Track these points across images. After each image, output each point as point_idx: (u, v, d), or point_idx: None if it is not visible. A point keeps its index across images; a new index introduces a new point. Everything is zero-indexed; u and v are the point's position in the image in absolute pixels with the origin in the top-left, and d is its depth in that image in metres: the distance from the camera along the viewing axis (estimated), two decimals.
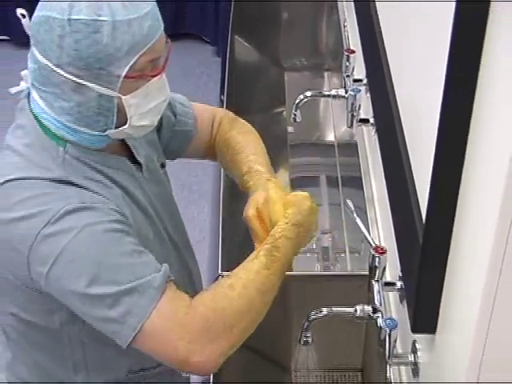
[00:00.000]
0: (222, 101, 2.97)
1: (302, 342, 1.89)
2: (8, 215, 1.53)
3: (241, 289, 1.54)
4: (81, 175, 1.57)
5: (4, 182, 1.55)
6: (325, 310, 1.85)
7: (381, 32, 2.01)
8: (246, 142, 1.88)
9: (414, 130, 1.63)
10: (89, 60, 1.48)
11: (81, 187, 1.55)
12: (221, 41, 4.64)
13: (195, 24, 4.90)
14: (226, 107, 2.88)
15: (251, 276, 1.56)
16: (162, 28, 1.55)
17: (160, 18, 1.55)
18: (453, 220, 1.32)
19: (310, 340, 1.88)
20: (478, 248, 1.20)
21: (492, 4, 1.13)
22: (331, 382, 2.38)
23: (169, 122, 1.87)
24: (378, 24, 2.05)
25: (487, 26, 1.15)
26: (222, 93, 3.05)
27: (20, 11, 1.53)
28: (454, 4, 1.17)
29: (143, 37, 1.50)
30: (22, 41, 4.88)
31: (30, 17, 1.54)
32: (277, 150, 3.03)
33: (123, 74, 1.51)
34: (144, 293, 1.49)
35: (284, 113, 3.19)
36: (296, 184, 2.87)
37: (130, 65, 1.51)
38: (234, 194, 2.47)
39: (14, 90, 1.63)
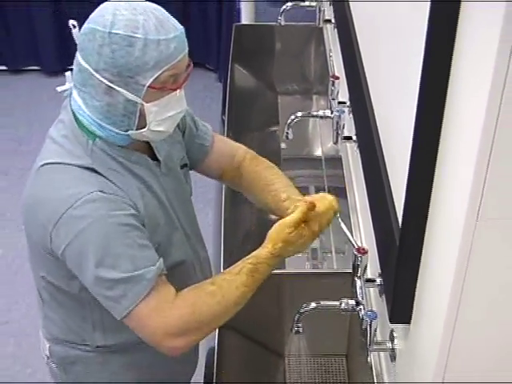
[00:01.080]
0: (223, 120, 2.96)
1: (293, 332, 1.88)
2: (40, 194, 1.61)
3: (220, 298, 1.62)
4: (104, 165, 1.63)
5: (41, 166, 1.63)
6: (314, 304, 1.85)
7: (361, 60, 2.01)
8: (277, 175, 1.92)
9: (390, 146, 1.63)
10: (121, 68, 1.54)
11: (103, 176, 1.61)
12: (222, 68, 4.64)
13: (200, 54, 4.91)
14: (227, 126, 2.89)
15: (231, 289, 1.63)
16: (186, 51, 1.60)
17: (186, 42, 1.60)
18: (425, 224, 1.32)
19: (300, 330, 1.88)
20: (447, 249, 1.20)
21: (456, 44, 1.13)
22: (319, 367, 2.38)
23: (191, 132, 1.91)
24: (359, 53, 2.05)
25: (452, 64, 1.15)
26: (223, 113, 3.04)
27: (72, 22, 1.63)
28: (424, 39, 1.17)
29: (168, 55, 1.56)
30: (51, 70, 4.91)
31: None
32: (271, 163, 3.03)
33: (148, 83, 1.56)
34: (138, 282, 1.57)
35: (277, 131, 3.19)
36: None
37: (154, 77, 1.56)
38: (234, 203, 2.47)
39: (60, 88, 1.70)
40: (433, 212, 1.30)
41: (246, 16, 4.03)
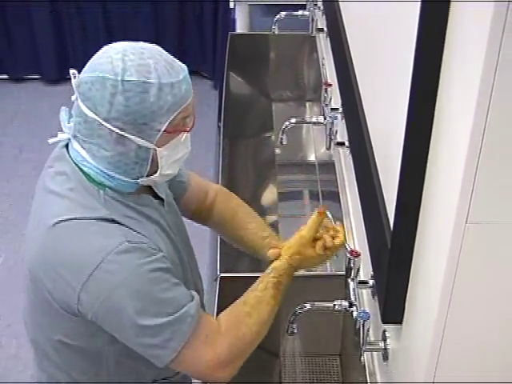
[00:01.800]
0: (219, 127, 2.96)
1: (288, 332, 1.88)
2: (61, 253, 1.50)
3: (256, 317, 1.61)
4: (120, 214, 1.54)
5: (55, 224, 1.50)
6: (308, 305, 1.85)
7: (353, 68, 2.01)
8: (252, 213, 1.91)
9: (382, 151, 1.63)
10: (135, 115, 1.46)
11: (123, 225, 1.52)
12: (218, 76, 4.65)
13: (196, 62, 4.91)
14: (223, 133, 2.89)
15: (263, 306, 1.62)
16: (192, 91, 1.55)
17: (190, 82, 1.55)
18: (416, 227, 1.32)
19: (295, 331, 1.88)
20: (438, 251, 1.21)
21: (444, 57, 1.14)
22: (314, 366, 2.37)
23: None
24: (351, 61, 2.05)
25: (441, 70, 1.16)
26: (219, 120, 3.04)
27: (72, 71, 1.50)
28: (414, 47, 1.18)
29: (181, 98, 1.50)
30: (51, 79, 4.91)
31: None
32: (266, 168, 3.04)
33: (163, 128, 1.49)
34: (184, 321, 1.51)
35: (272, 137, 3.19)
36: (283, 198, 2.87)
37: (169, 121, 1.49)
38: None
39: (51, 140, 1.58)
40: (423, 215, 1.30)
41: (241, 25, 4.03)
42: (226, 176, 2.68)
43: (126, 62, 1.46)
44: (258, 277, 1.79)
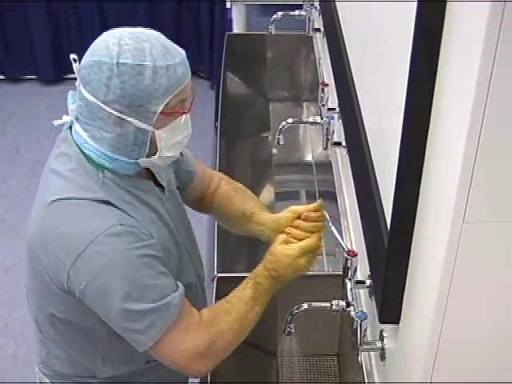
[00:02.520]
0: (216, 127, 2.96)
1: (286, 333, 1.88)
2: (55, 231, 1.54)
3: (235, 315, 1.62)
4: (117, 197, 1.57)
5: (52, 202, 1.55)
6: (305, 305, 1.85)
7: (350, 67, 2.01)
8: (248, 196, 1.93)
9: (379, 151, 1.63)
10: (131, 98, 1.49)
11: (118, 208, 1.55)
12: (215, 76, 4.64)
13: (193, 62, 4.87)
14: (220, 133, 2.89)
15: (242, 305, 1.64)
16: (190, 74, 1.57)
17: (188, 66, 1.57)
18: (413, 227, 1.33)
19: (292, 330, 1.88)
20: (435, 251, 1.21)
21: (441, 54, 1.14)
22: (311, 366, 2.37)
23: (177, 159, 1.85)
24: (348, 61, 2.05)
25: (437, 72, 1.16)
26: (216, 120, 3.03)
27: (72, 56, 1.55)
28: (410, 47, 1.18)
29: (177, 80, 1.52)
30: (48, 79, 4.90)
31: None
32: (263, 168, 3.03)
33: (159, 110, 1.52)
34: (166, 310, 1.53)
35: (269, 137, 3.19)
36: (280, 197, 2.86)
37: (165, 103, 1.52)
38: None
39: (56, 122, 1.63)
40: (420, 215, 1.30)
41: (238, 25, 4.03)
42: None
43: (122, 45, 1.50)
44: None
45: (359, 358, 1.77)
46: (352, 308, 1.77)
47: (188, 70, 1.56)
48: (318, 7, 3.09)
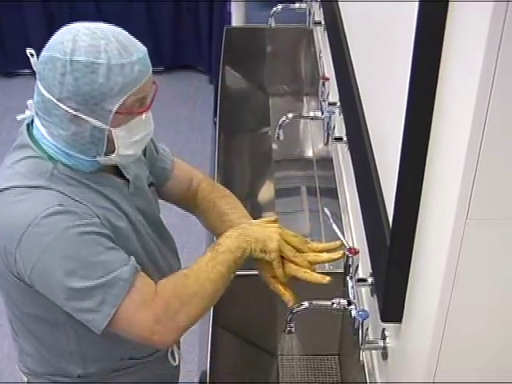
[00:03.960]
0: (215, 122, 2.96)
1: (286, 331, 1.87)
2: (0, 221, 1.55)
3: (194, 277, 1.61)
4: (64, 185, 1.57)
5: None
6: (306, 304, 1.84)
7: (351, 61, 2.01)
8: (232, 205, 1.89)
9: (381, 146, 1.62)
10: (85, 96, 1.49)
11: (61, 193, 1.55)
12: (214, 71, 4.64)
13: (191, 56, 4.90)
14: (219, 128, 2.88)
15: (201, 267, 1.63)
16: (150, 72, 1.56)
17: (149, 64, 1.55)
18: (415, 224, 1.32)
19: (293, 329, 1.87)
20: (437, 248, 1.20)
21: (445, 44, 1.13)
22: (312, 366, 2.37)
23: (151, 155, 1.86)
24: (349, 54, 2.05)
25: (440, 64, 1.15)
26: (215, 115, 3.04)
27: (29, 51, 1.55)
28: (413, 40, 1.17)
29: (133, 79, 1.51)
30: None
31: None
32: (263, 164, 3.04)
33: (114, 109, 1.52)
34: (115, 285, 1.53)
35: (269, 132, 3.19)
36: (280, 194, 2.86)
37: (121, 102, 1.51)
38: None
39: (19, 117, 1.65)
40: (423, 212, 1.30)
41: (237, 18, 4.02)
42: (222, 172, 2.68)
43: (77, 42, 1.49)
44: (254, 275, 1.80)
45: (361, 358, 1.77)
46: (353, 306, 1.77)
47: (148, 68, 1.55)
48: (319, 0, 3.09)
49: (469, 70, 1.03)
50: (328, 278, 1.68)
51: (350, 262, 1.79)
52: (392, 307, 1.46)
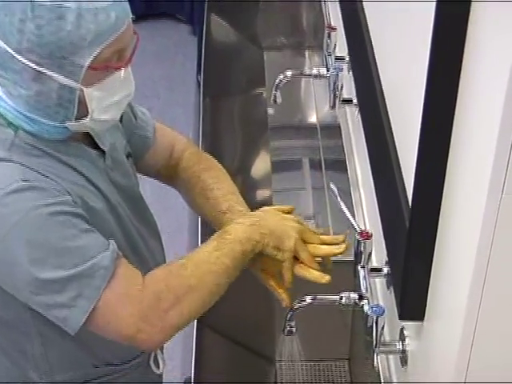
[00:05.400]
0: (198, 82, 2.96)
1: (285, 332, 1.89)
2: None
3: (192, 268, 1.60)
4: (27, 157, 1.56)
5: None
6: (309, 299, 1.85)
7: (363, 7, 2.01)
8: (219, 179, 1.88)
9: (398, 109, 1.62)
10: (51, 47, 1.47)
11: (25, 166, 1.54)
12: (196, 19, 4.62)
13: (170, 3, 4.89)
14: (203, 89, 2.88)
15: (202, 257, 1.62)
16: (130, 19, 1.54)
17: (128, 8, 1.54)
18: (440, 201, 1.32)
19: (294, 329, 1.88)
20: (467, 230, 1.21)
21: None
22: (317, 373, 2.39)
23: (129, 122, 1.86)
24: None
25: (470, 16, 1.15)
26: (198, 73, 3.04)
27: None
28: None
29: (109, 27, 1.49)
30: None
31: None
32: (257, 133, 3.04)
33: (87, 64, 1.50)
34: (94, 274, 1.52)
35: (264, 94, 3.19)
36: (277, 168, 2.87)
37: (95, 55, 1.50)
38: None
39: None
40: (449, 186, 1.30)
41: None
42: (208, 143, 2.69)
43: None
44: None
45: (375, 363, 1.77)
46: (366, 301, 1.78)
47: (126, 14, 1.53)
48: None
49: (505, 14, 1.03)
50: (327, 278, 1.69)
51: (362, 249, 1.80)
52: (412, 302, 1.47)
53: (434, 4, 1.19)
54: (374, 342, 1.70)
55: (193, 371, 1.96)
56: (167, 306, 1.56)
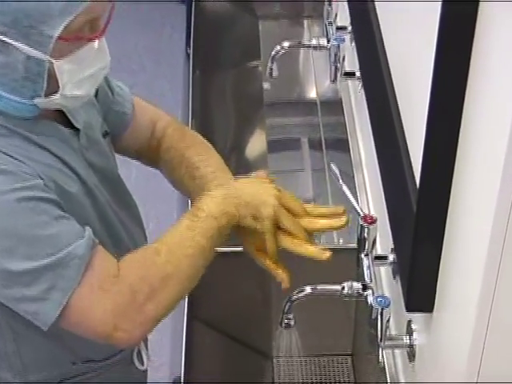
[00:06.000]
0: (188, 54, 2.95)
1: (283, 325, 1.89)
2: None
3: (166, 253, 1.60)
4: None
5: None
6: (308, 289, 1.85)
7: None
8: (205, 155, 1.87)
9: (405, 82, 1.62)
10: (16, 15, 1.46)
11: None
12: None
13: None
14: (193, 62, 2.87)
15: (176, 239, 1.62)
16: None
17: None
18: (450, 182, 1.32)
19: (292, 322, 1.88)
20: (480, 213, 1.20)
21: None
22: (317, 369, 2.39)
23: (106, 97, 1.85)
24: None
25: None
26: (187, 45, 3.02)
27: None
28: None
29: None
30: None
31: None
32: (251, 109, 3.04)
33: (56, 34, 1.49)
34: (68, 264, 1.52)
35: (259, 67, 3.19)
36: (274, 147, 2.87)
37: (65, 25, 1.49)
38: None
39: None
40: (460, 165, 1.29)
41: None
42: (199, 121, 2.69)
43: None
44: (240, 252, 1.80)
45: (380, 358, 1.78)
46: (370, 292, 1.78)
47: None
48: None
49: None
50: (328, 254, 1.68)
51: (366, 234, 1.80)
52: (420, 292, 1.47)
53: None
54: (379, 336, 1.71)
55: (182, 369, 1.97)
56: (144, 299, 1.56)
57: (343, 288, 1.82)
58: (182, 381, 1.94)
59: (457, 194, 1.32)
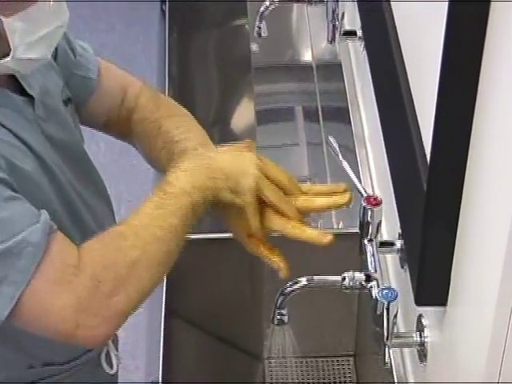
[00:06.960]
0: (163, 11, 2.94)
1: (275, 322, 1.89)
2: None
3: (133, 237, 1.60)
4: None
5: None
6: (304, 280, 1.86)
7: None
8: (185, 127, 1.85)
9: (413, 43, 1.62)
10: None
11: None
12: None
13: None
14: (169, 20, 2.87)
15: (143, 220, 1.62)
16: None
17: None
18: (466, 156, 1.32)
19: (285, 319, 1.89)
20: (500, 192, 1.20)
21: None
22: (315, 372, 2.40)
23: (67, 59, 1.85)
24: None
25: None
26: (163, 1, 3.02)
27: None
28: None
29: None
30: None
31: None
32: (238, 74, 3.04)
33: None
34: (21, 253, 1.52)
35: (246, 26, 3.18)
36: (263, 119, 2.86)
37: None
38: None
39: None
40: (476, 138, 1.30)
41: None
42: (177, 88, 2.69)
43: None
44: (227, 239, 1.80)
45: (387, 359, 1.78)
46: (374, 283, 1.78)
47: None
48: None
49: None
50: (329, 237, 1.67)
51: (369, 218, 1.81)
52: (432, 283, 1.48)
53: None
54: (386, 334, 1.71)
55: (160, 373, 1.97)
56: (109, 290, 1.56)
57: (344, 279, 1.82)
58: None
59: (473, 169, 1.32)
